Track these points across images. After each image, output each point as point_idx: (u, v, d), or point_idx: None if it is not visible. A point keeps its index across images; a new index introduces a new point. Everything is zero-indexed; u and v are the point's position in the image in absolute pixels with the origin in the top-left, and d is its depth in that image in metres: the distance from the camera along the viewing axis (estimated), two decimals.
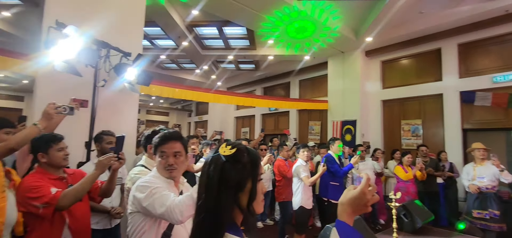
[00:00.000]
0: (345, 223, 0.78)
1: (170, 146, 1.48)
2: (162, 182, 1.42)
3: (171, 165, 1.45)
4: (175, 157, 1.48)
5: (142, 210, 1.34)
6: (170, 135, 1.52)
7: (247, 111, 12.16)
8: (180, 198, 1.30)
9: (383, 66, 7.93)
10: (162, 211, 1.27)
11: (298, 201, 3.56)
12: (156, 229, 1.38)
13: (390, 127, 7.61)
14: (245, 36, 7.81)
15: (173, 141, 1.50)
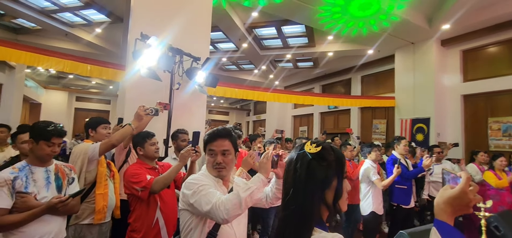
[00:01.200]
0: (445, 223, 0.72)
1: (219, 144, 1.42)
2: (210, 180, 1.38)
3: (219, 164, 1.40)
4: (223, 155, 1.42)
5: (190, 207, 1.32)
6: (219, 132, 1.46)
7: (305, 109, 11.99)
8: (227, 196, 1.26)
9: (463, 56, 6.95)
10: (207, 209, 1.23)
11: (369, 206, 3.35)
12: (202, 228, 1.33)
13: (473, 126, 6.62)
14: (304, 34, 7.72)
15: (221, 138, 1.44)
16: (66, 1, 6.42)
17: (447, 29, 6.32)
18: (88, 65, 4.27)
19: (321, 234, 0.81)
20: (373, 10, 6.04)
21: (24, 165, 1.60)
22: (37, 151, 1.61)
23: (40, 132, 1.60)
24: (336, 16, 6.33)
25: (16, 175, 1.52)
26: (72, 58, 4.46)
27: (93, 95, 14.89)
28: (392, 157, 3.77)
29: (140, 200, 1.94)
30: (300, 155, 0.88)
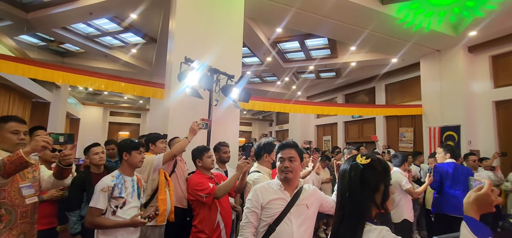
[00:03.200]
0: (473, 218, 0.92)
1: (287, 152, 1.75)
2: (271, 192, 1.70)
3: (287, 168, 1.70)
4: (290, 161, 1.72)
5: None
6: (287, 143, 1.81)
7: (328, 119, 12.04)
8: None
9: (493, 61, 6.81)
10: None
11: (401, 213, 3.45)
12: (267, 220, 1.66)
13: (507, 132, 6.43)
14: (327, 46, 7.92)
15: (289, 148, 1.77)
16: (108, 27, 7.09)
17: (474, 35, 6.26)
18: (135, 85, 4.73)
19: (371, 226, 1.03)
20: None
21: (118, 174, 1.97)
22: (132, 160, 1.99)
23: (132, 145, 1.99)
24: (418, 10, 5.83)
25: (115, 182, 1.88)
26: (117, 79, 4.96)
27: (125, 109, 15.84)
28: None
29: (203, 205, 2.24)
30: (353, 165, 1.12)
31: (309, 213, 1.70)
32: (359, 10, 5.46)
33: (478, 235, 0.87)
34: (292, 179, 1.73)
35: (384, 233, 0.99)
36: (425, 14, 5.86)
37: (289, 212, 1.68)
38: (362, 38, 6.64)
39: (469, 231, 0.89)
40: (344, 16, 5.75)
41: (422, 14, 5.85)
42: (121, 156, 1.98)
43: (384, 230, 1.01)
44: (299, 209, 1.69)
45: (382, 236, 0.98)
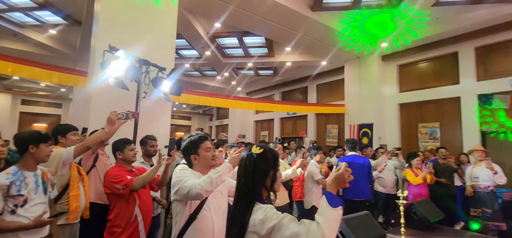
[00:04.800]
0: (331, 193, 1.16)
1: (209, 143, 1.93)
2: (191, 174, 1.79)
3: (216, 156, 1.92)
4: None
5: (176, 195, 1.73)
6: (206, 135, 1.99)
7: (266, 115, 12.56)
8: (202, 177, 1.69)
9: (400, 70, 8.06)
10: (187, 191, 1.64)
11: (311, 200, 3.88)
12: (185, 210, 1.74)
13: (407, 130, 7.71)
14: (264, 45, 8.25)
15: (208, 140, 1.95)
16: (18, 1, 6.11)
17: (386, 46, 7.31)
18: (52, 72, 4.21)
19: (260, 205, 1.21)
20: (390, 31, 6.71)
21: (16, 170, 1.76)
22: (39, 154, 1.83)
23: (39, 137, 1.83)
24: (354, 34, 6.90)
25: (11, 180, 1.68)
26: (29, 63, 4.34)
27: (42, 98, 13.83)
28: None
29: (120, 199, 2.18)
30: (249, 155, 1.28)
31: (223, 199, 1.84)
32: (292, 14, 5.85)
33: (332, 205, 1.11)
34: (215, 166, 1.85)
35: (268, 210, 1.17)
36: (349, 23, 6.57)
37: (207, 200, 1.79)
38: (295, 40, 7.13)
39: (326, 203, 1.13)
40: (278, 18, 6.09)
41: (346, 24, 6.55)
42: (23, 149, 1.79)
43: (268, 208, 1.19)
44: (215, 196, 1.82)
45: (266, 212, 1.16)
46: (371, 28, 6.61)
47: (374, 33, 6.82)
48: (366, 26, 6.54)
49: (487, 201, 4.39)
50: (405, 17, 6.14)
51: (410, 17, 6.12)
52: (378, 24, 6.46)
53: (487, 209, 4.35)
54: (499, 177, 4.33)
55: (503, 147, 6.05)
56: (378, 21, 6.34)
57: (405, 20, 6.28)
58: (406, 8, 5.82)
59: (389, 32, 6.77)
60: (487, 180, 4.41)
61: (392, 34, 6.82)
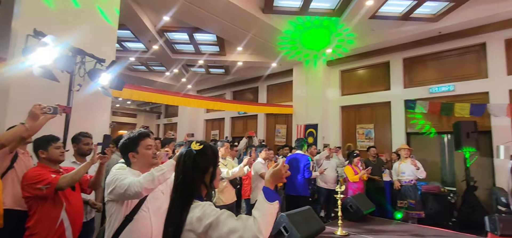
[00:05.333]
0: (268, 188, 1.20)
1: (151, 140, 1.83)
2: (129, 173, 1.67)
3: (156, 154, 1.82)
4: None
5: (112, 195, 1.60)
6: (148, 132, 1.86)
7: (217, 114, 12.44)
8: (143, 175, 1.60)
9: (342, 75, 8.73)
10: (125, 189, 1.53)
11: (256, 196, 3.98)
12: (120, 211, 1.61)
13: (347, 130, 8.40)
14: (215, 43, 8.16)
15: (149, 137, 1.84)
16: None
17: (330, 53, 7.84)
18: None
19: (198, 203, 1.18)
20: (323, 44, 7.17)
21: None
22: None
23: None
24: (293, 48, 7.38)
25: None
26: None
27: None
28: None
29: (43, 202, 1.92)
30: (188, 151, 1.25)
31: (164, 199, 1.76)
32: (243, 14, 5.89)
33: (269, 200, 1.15)
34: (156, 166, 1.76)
35: (206, 207, 1.16)
36: (297, 27, 6.89)
37: (147, 200, 1.69)
38: (246, 40, 7.20)
39: (263, 198, 1.16)
40: (229, 17, 6.07)
41: (294, 27, 6.85)
42: None
43: (206, 204, 1.17)
44: (155, 196, 1.73)
45: (204, 209, 1.15)
46: (307, 41, 7.11)
47: (308, 46, 7.41)
48: (303, 38, 7.00)
49: (411, 193, 5.01)
50: (339, 35, 6.87)
51: (342, 36, 6.85)
52: (313, 38, 7.00)
53: (411, 200, 4.97)
54: (420, 172, 4.97)
55: (424, 145, 6.98)
56: (313, 35, 6.86)
57: (337, 38, 7.02)
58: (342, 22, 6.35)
59: (322, 47, 7.40)
60: (411, 175, 5.04)
61: (324, 48, 7.52)
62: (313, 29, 6.64)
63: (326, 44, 7.29)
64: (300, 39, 7.04)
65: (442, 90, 6.70)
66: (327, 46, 7.40)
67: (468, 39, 6.38)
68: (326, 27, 6.61)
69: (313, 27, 6.59)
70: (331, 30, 6.70)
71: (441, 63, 6.95)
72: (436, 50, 6.88)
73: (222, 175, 3.51)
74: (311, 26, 6.55)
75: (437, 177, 6.71)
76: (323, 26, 6.53)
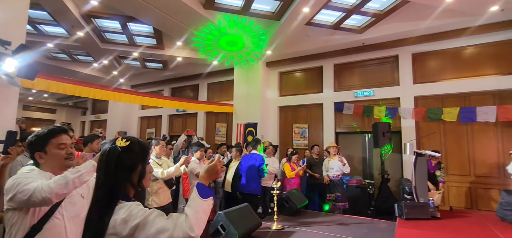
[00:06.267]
0: (202, 184, 1.17)
1: (66, 138, 1.59)
2: (38, 175, 1.45)
3: (71, 155, 1.58)
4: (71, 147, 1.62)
5: (12, 202, 1.35)
6: (62, 128, 1.63)
7: (153, 111, 11.71)
8: (54, 178, 1.38)
9: (280, 76, 9.13)
10: (30, 194, 1.31)
11: None
12: (24, 220, 1.37)
13: (284, 130, 8.82)
14: (152, 35, 7.66)
15: (65, 133, 1.61)
16: None
17: (270, 54, 8.12)
18: None
19: (124, 203, 1.08)
20: (239, 47, 7.08)
21: None
22: None
23: None
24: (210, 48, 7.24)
25: None
26: None
27: None
28: None
29: None
30: (111, 148, 1.13)
31: (84, 204, 1.56)
32: (182, 7, 5.67)
33: (202, 196, 1.13)
34: (70, 167, 1.55)
35: (133, 208, 1.07)
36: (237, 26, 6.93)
37: (61, 206, 1.47)
38: (186, 35, 6.94)
39: (196, 194, 1.13)
40: (168, 9, 5.78)
41: (235, 28, 6.88)
42: None
43: (133, 205, 1.08)
44: (73, 201, 1.53)
45: (130, 210, 1.05)
46: (222, 42, 7.32)
47: (224, 47, 7.59)
48: (220, 41, 7.20)
49: (338, 187, 5.54)
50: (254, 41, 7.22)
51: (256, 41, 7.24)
52: (229, 41, 7.25)
53: (338, 193, 5.49)
54: (346, 167, 5.54)
55: (350, 143, 7.79)
56: (229, 38, 7.09)
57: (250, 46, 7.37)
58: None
59: (236, 49, 7.69)
60: (338, 170, 5.57)
61: (237, 51, 7.84)
62: (229, 34, 6.83)
63: (241, 47, 7.51)
64: (217, 40, 7.09)
65: (364, 95, 7.57)
66: (241, 50, 7.62)
67: (385, 51, 7.35)
68: (241, 33, 6.82)
69: (229, 33, 6.78)
70: (246, 35, 6.94)
71: (364, 70, 7.85)
72: (361, 58, 7.75)
73: (157, 175, 3.31)
74: (227, 32, 6.71)
75: (359, 171, 7.57)
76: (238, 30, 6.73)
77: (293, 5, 5.84)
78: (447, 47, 6.75)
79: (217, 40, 7.02)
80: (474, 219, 4.98)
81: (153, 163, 3.40)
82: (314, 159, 6.33)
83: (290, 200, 4.45)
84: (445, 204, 6.05)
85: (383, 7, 6.22)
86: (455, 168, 6.40)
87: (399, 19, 6.45)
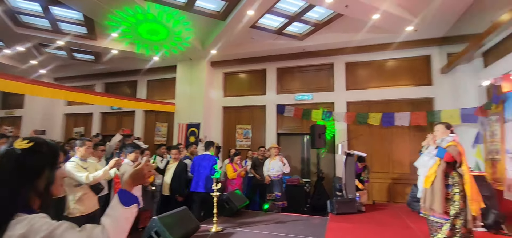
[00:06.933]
0: (125, 190, 1.07)
1: None
2: None
3: None
4: None
5: None
6: None
7: (82, 108, 10.48)
8: None
9: (225, 77, 9.08)
10: None
11: None
12: None
13: (228, 130, 8.80)
14: (82, 23, 6.86)
15: None
16: None
17: (215, 53, 8.02)
18: None
19: (23, 217, 0.90)
20: (161, 37, 6.60)
21: None
22: None
23: None
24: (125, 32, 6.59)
25: None
26: None
27: None
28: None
29: None
30: (8, 151, 0.94)
31: None
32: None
33: (124, 203, 1.03)
34: None
35: (35, 221, 0.90)
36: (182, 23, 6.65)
37: None
38: (123, 27, 6.39)
39: (117, 201, 1.03)
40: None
41: (180, 24, 6.59)
42: None
43: (36, 218, 0.92)
44: None
45: (32, 224, 0.89)
46: (143, 30, 6.80)
47: (145, 36, 7.06)
48: (140, 28, 6.66)
49: (278, 186, 5.73)
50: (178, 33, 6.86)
51: (181, 35, 6.94)
52: (151, 29, 6.76)
53: (278, 193, 5.68)
54: (286, 167, 5.77)
55: (290, 144, 8.16)
56: (152, 26, 6.63)
57: (174, 37, 7.05)
58: None
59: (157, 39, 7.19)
60: (279, 171, 5.77)
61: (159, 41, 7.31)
62: (152, 23, 6.38)
63: (163, 38, 7.08)
64: (136, 25, 6.52)
65: (304, 98, 8.03)
66: (163, 40, 7.19)
67: (323, 58, 7.91)
68: (167, 23, 6.42)
69: (153, 21, 6.31)
70: (171, 27, 6.55)
71: (304, 75, 8.32)
72: (301, 64, 8.20)
73: (80, 180, 2.95)
74: (152, 19, 6.24)
75: (298, 171, 7.99)
76: (162, 21, 6.30)
77: (239, 7, 5.87)
78: (374, 59, 7.60)
79: (136, 26, 6.44)
80: (391, 211, 5.69)
81: (76, 166, 3.01)
82: (259, 159, 6.45)
83: (230, 201, 4.45)
84: (369, 199, 6.77)
85: (321, 18, 6.69)
86: (378, 167, 7.23)
87: (335, 30, 7.01)
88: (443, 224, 3.18)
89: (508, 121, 4.84)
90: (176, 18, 6.28)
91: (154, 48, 7.53)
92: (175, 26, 6.46)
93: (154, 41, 7.13)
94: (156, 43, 7.24)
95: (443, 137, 3.33)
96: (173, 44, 7.22)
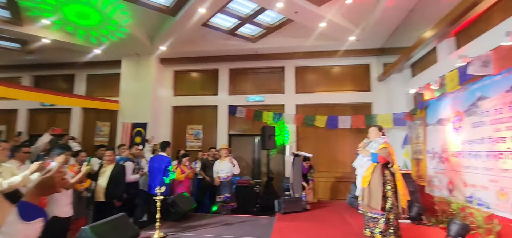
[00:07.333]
0: (28, 202, 0.91)
1: None
2: None
3: None
4: None
5: None
6: None
7: (4, 103, 9.09)
8: None
9: (175, 75, 8.73)
10: None
11: (52, 210, 2.99)
12: None
13: (178, 131, 8.46)
14: (4, 5, 5.95)
15: None
16: None
17: (164, 50, 7.64)
18: None
19: None
20: (93, 22, 5.97)
21: None
22: None
23: None
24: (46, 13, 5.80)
25: None
26: None
27: None
28: None
29: None
30: None
31: None
32: None
33: (25, 218, 0.89)
34: None
35: None
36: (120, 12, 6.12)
37: None
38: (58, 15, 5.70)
39: (16, 216, 0.88)
40: None
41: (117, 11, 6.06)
42: None
43: None
44: None
45: None
46: (70, 10, 6.07)
47: (72, 19, 6.33)
48: (65, 8, 5.95)
49: (227, 188, 5.67)
50: (113, 23, 6.33)
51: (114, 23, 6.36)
52: (80, 11, 6.06)
53: (227, 194, 5.62)
54: (236, 169, 5.74)
55: (241, 145, 8.17)
56: (81, 10, 6.00)
57: (108, 25, 6.46)
58: None
59: (87, 24, 6.49)
60: (229, 172, 5.71)
61: (89, 27, 6.61)
62: (81, 4, 5.74)
63: (93, 23, 6.39)
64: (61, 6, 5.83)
65: (255, 100, 8.12)
66: (92, 26, 6.50)
67: (274, 61, 8.11)
68: (100, 8, 5.84)
69: (82, 3, 5.69)
70: (105, 12, 5.97)
71: (256, 77, 8.42)
72: (254, 66, 8.29)
73: None
74: (81, 1, 5.64)
75: (249, 171, 8.04)
76: (94, 4, 5.71)
77: (189, 3, 5.69)
78: (321, 65, 8.04)
79: (60, 6, 5.75)
80: (333, 208, 6.07)
81: None
82: (209, 161, 6.31)
83: (176, 205, 4.26)
84: (314, 197, 7.11)
85: (273, 22, 6.85)
86: (323, 166, 7.65)
87: (286, 35, 7.24)
88: (379, 219, 3.49)
89: (429, 125, 5.53)
90: (114, 5, 5.75)
91: (91, 34, 6.66)
92: (111, 15, 5.91)
93: (83, 25, 6.36)
94: (84, 27, 6.41)
95: (376, 138, 3.66)
96: (105, 32, 6.52)
